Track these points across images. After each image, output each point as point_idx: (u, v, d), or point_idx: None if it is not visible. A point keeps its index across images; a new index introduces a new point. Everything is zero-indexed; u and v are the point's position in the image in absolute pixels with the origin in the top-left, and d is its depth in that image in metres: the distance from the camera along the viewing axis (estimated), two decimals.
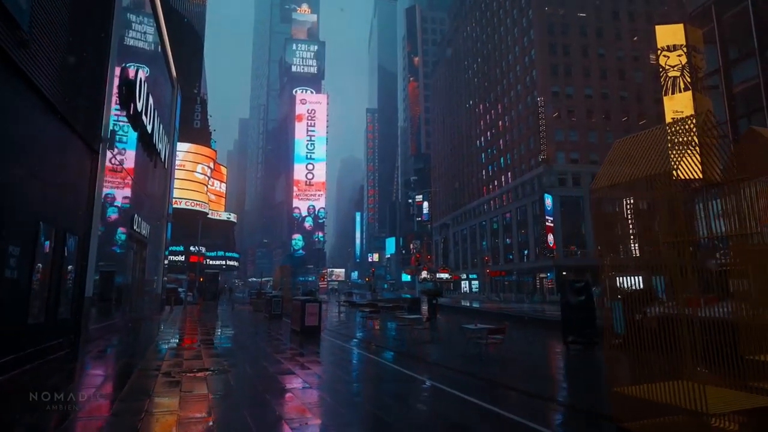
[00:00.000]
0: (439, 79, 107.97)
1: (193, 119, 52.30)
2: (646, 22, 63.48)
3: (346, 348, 12.84)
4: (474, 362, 9.26)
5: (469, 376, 8.34)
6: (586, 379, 8.91)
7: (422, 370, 9.00)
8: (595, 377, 8.77)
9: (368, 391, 7.84)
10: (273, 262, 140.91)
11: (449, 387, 7.43)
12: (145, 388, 7.06)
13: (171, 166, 25.80)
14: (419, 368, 9.23)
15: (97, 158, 11.30)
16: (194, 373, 8.22)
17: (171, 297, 28.76)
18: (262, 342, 14.19)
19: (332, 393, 7.37)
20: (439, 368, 9.20)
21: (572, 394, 7.67)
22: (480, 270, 76.11)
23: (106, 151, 11.92)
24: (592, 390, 7.82)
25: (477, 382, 7.93)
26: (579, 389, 8.05)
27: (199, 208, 53.07)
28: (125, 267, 17.13)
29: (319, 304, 14.79)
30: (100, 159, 11.45)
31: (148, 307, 22.49)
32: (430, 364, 9.71)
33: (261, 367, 9.41)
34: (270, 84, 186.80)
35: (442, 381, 7.92)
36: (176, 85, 25.94)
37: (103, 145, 11.63)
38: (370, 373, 9.49)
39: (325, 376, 8.81)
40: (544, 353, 11.43)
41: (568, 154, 59.34)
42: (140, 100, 15.09)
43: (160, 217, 23.82)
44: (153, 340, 14.14)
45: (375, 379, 8.84)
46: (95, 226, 11.27)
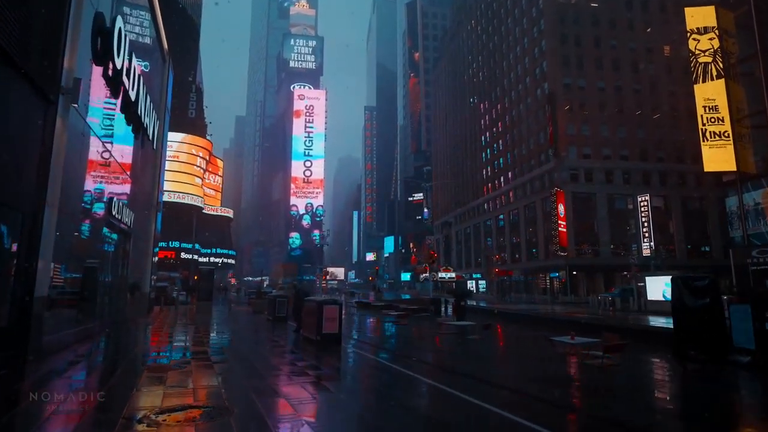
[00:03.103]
0: (441, 74, 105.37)
1: (188, 108, 49.37)
2: (660, 12, 61.17)
3: (385, 367, 9.75)
4: (590, 394, 6.46)
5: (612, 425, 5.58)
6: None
7: (521, 408, 6.22)
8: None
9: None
10: (270, 261, 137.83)
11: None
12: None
13: (162, 150, 22.95)
14: (513, 403, 6.48)
15: (54, 111, 8.51)
16: (177, 419, 5.47)
17: (161, 296, 25.90)
18: (269, 354, 11.44)
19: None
20: (544, 406, 6.37)
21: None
22: (485, 269, 73.50)
23: (69, 107, 9.13)
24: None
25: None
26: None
27: (193, 203, 50.13)
28: (103, 261, 14.32)
29: (340, 306, 11.94)
30: (60, 113, 8.66)
31: (134, 308, 19.65)
32: (526, 398, 6.75)
33: (274, 400, 6.67)
34: (267, 80, 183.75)
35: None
36: (167, 59, 23.08)
37: (64, 98, 8.84)
38: (444, 415, 6.26)
39: (378, 420, 6.03)
40: (661, 377, 8.41)
41: (580, 148, 56.79)
42: (120, 56, 12.29)
43: (147, 206, 20.98)
44: (131, 352, 11.36)
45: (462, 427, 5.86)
46: (52, 201, 8.49)
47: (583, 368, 7.07)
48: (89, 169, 12.15)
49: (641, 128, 57.67)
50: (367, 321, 21.10)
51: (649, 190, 51.86)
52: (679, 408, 6.57)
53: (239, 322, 20.03)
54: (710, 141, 33.34)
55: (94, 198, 12.95)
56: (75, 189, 11.30)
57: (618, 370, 7.27)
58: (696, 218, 56.80)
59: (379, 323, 19.47)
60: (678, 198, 56.28)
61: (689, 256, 53.88)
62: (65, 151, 9.09)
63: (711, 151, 33.40)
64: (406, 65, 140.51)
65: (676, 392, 7.17)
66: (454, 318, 18.40)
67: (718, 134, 33.16)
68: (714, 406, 6.52)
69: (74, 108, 9.63)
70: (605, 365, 6.29)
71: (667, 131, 57.86)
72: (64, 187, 9.26)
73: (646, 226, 47.18)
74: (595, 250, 54.99)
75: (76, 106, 9.56)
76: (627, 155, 56.97)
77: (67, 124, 9.11)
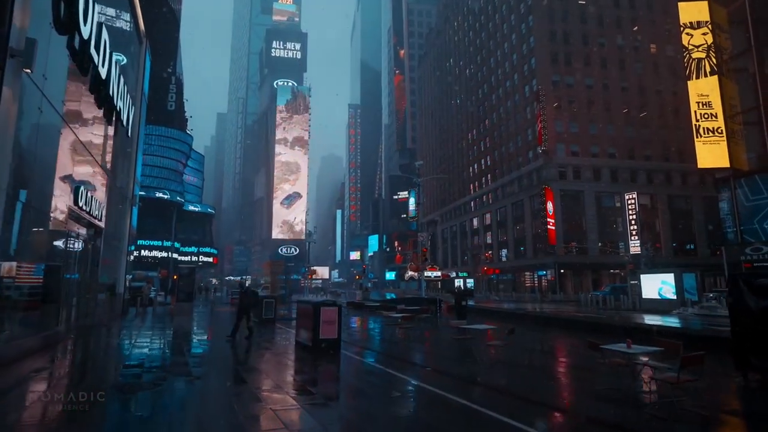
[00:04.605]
0: (426, 71, 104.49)
1: (167, 100, 47.22)
2: (648, 10, 61.26)
3: (407, 384, 7.85)
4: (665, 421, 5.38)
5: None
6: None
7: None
8: None
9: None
10: (252, 261, 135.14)
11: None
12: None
13: (137, 138, 21.24)
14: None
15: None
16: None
17: (138, 297, 24.18)
18: (260, 363, 10.09)
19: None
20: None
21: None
22: (471, 267, 72.85)
23: (20, 73, 7.66)
24: None
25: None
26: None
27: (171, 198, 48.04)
28: (68, 259, 12.75)
29: (339, 308, 10.60)
30: (7, 79, 7.19)
31: (107, 311, 18.01)
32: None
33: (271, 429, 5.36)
34: (249, 77, 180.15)
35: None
36: (144, 41, 21.38)
37: (14, 62, 7.37)
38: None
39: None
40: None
41: (568, 146, 56.47)
42: (88, 25, 10.77)
43: (122, 199, 19.31)
44: (95, 365, 9.90)
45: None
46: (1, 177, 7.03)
47: (654, 384, 5.90)
48: (50, 152, 10.63)
49: (628, 126, 57.67)
50: (364, 323, 19.76)
51: (636, 188, 51.80)
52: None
53: (223, 325, 18.52)
54: (704, 137, 32.98)
55: (59, 186, 11.41)
56: (31, 174, 9.79)
57: (700, 387, 6.12)
58: (682, 216, 57.02)
59: (378, 325, 18.12)
60: (664, 196, 56.41)
61: (675, 255, 53.99)
62: (15, 127, 7.62)
63: (705, 148, 33.04)
64: (391, 62, 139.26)
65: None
66: (453, 318, 17.30)
67: (712, 130, 32.81)
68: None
69: (28, 76, 8.15)
70: (681, 381, 5.16)
71: (654, 130, 57.98)
72: (17, 171, 7.80)
73: (634, 223, 46.93)
74: (583, 248, 54.70)
75: (29, 72, 8.07)
76: (615, 153, 56.88)
77: (17, 95, 7.63)
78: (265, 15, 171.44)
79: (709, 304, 26.17)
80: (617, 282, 50.20)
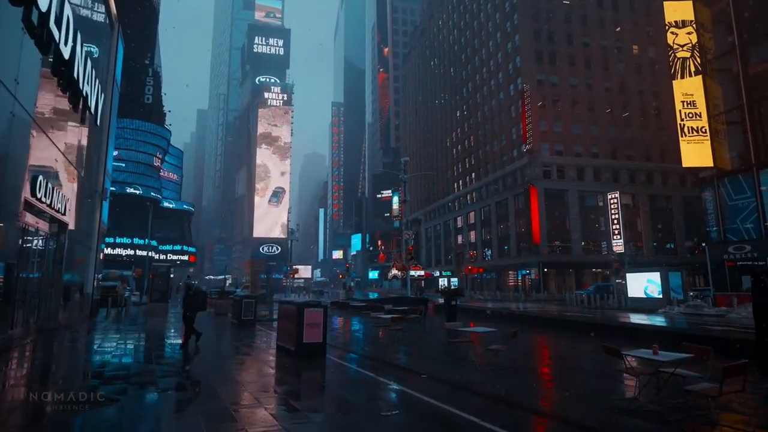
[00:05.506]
0: (411, 69, 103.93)
1: (144, 93, 45.42)
2: (630, 11, 61.76)
3: (405, 396, 6.92)
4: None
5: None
6: None
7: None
8: None
9: None
10: (232, 260, 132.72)
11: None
12: None
13: (108, 128, 19.94)
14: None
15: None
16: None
17: (108, 298, 22.86)
18: (238, 372, 9.17)
19: None
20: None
21: None
22: (455, 267, 72.58)
23: None
24: None
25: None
26: None
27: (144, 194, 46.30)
28: (23, 256, 11.59)
29: (325, 309, 9.73)
30: None
31: (73, 313, 16.79)
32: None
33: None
34: (231, 73, 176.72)
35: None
36: (116, 25, 20.10)
37: None
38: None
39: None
40: None
41: (552, 145, 56.48)
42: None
43: (90, 192, 18.06)
44: (45, 375, 8.86)
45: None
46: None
47: (687, 395, 5.19)
48: (3, 138, 9.52)
49: (611, 126, 58.01)
50: (350, 325, 18.89)
51: (619, 187, 52.11)
52: None
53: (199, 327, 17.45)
54: (688, 136, 33.07)
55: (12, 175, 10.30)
56: None
57: (745, 401, 5.49)
58: (662, 216, 57.63)
59: (364, 327, 17.26)
60: (645, 196, 56.91)
61: (656, 253, 54.47)
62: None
63: (689, 147, 33.13)
64: (375, 60, 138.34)
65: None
66: (441, 318, 16.62)
67: (696, 130, 32.92)
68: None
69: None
70: (724, 393, 4.48)
71: (636, 130, 58.49)
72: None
73: (617, 223, 47.08)
74: (567, 247, 54.80)
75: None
76: (598, 153, 57.14)
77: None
78: (248, 11, 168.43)
79: (695, 302, 26.12)
80: (599, 281, 50.43)
